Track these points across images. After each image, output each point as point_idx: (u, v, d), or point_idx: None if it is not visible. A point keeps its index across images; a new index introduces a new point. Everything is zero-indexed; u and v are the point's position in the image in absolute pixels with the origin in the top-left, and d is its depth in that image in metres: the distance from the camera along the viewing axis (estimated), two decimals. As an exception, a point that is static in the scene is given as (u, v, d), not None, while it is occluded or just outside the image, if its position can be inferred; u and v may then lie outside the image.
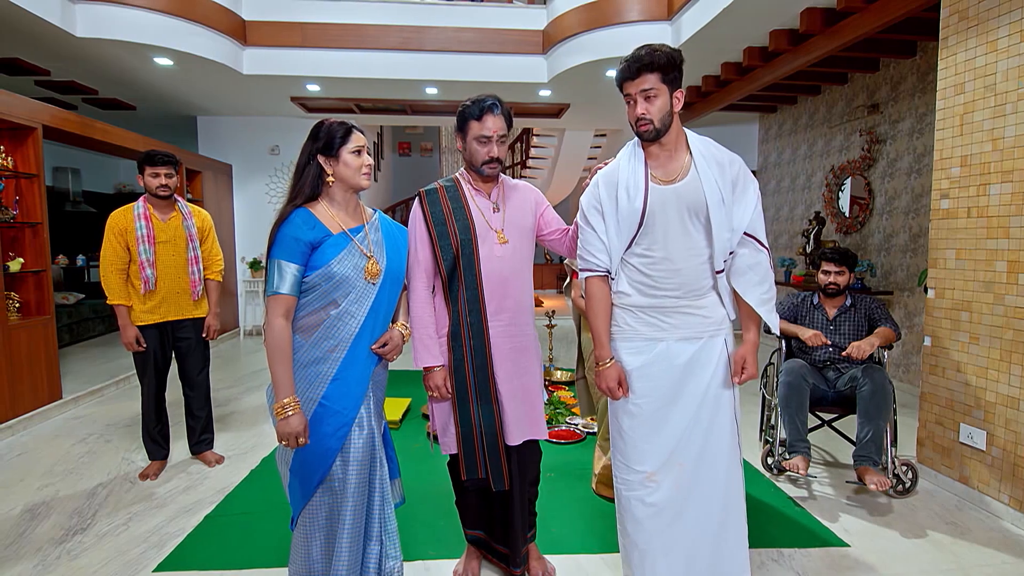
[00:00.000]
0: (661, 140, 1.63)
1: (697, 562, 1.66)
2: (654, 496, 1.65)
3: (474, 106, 1.71)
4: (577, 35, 4.89)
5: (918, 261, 4.22)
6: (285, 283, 1.48)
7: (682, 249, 1.62)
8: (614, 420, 1.75)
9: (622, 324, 1.71)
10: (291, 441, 1.46)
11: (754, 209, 1.64)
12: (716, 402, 1.65)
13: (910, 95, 4.31)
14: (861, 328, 2.82)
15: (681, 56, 1.60)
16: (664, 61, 1.56)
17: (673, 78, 1.59)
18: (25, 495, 2.66)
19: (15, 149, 3.75)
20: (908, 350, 4.32)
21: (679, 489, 1.64)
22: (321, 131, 1.57)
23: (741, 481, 1.69)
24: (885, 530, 2.34)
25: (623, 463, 1.71)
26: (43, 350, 3.81)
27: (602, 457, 2.72)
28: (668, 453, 1.65)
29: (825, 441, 3.26)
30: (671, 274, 1.63)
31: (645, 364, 1.66)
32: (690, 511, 1.65)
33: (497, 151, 1.74)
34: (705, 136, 1.71)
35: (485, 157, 1.74)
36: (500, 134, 1.73)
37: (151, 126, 7.32)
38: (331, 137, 1.55)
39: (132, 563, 2.10)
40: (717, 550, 1.66)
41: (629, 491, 1.70)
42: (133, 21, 4.29)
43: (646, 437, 1.66)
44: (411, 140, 12.75)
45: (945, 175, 2.72)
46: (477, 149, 1.74)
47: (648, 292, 1.66)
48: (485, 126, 1.71)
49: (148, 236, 2.69)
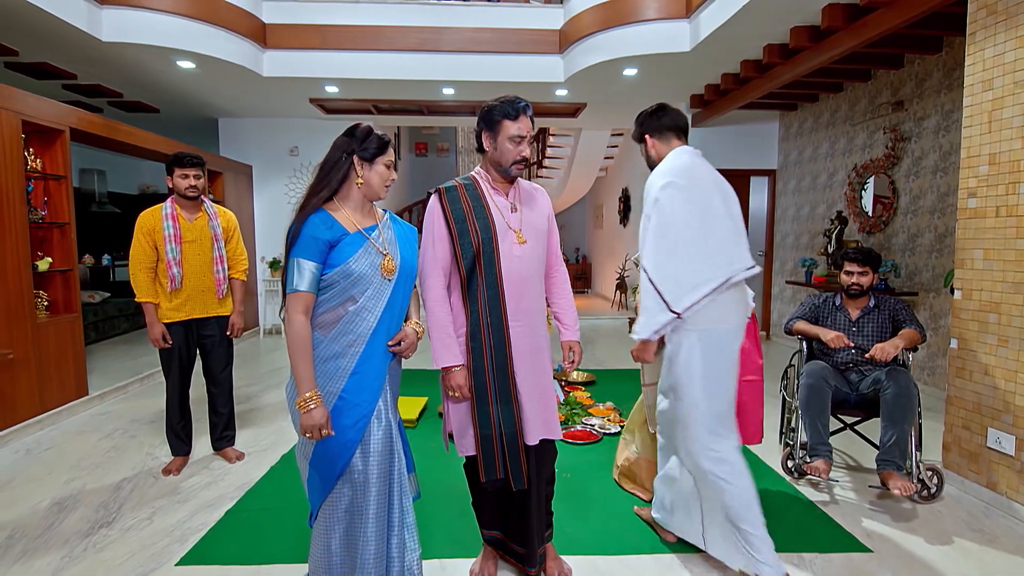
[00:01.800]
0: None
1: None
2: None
3: (508, 106, 1.74)
4: (594, 34, 4.87)
5: (944, 261, 4.13)
6: (304, 281, 1.52)
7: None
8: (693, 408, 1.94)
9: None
10: (315, 433, 1.50)
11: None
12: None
13: (936, 92, 4.22)
14: (885, 330, 2.76)
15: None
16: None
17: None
18: (53, 488, 2.73)
19: (44, 151, 3.85)
20: (933, 352, 4.23)
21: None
22: (365, 135, 1.61)
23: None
24: (909, 536, 2.30)
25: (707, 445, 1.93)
26: (70, 347, 3.90)
27: (624, 450, 2.72)
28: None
29: (847, 445, 3.20)
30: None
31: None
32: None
33: (527, 151, 1.78)
34: (720, 135, 1.71)
35: (516, 156, 1.76)
36: (531, 135, 1.78)
37: (174, 128, 7.46)
38: (373, 144, 1.61)
39: (156, 556, 2.14)
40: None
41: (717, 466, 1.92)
42: (156, 25, 4.37)
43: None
44: (427, 140, 12.81)
45: (972, 173, 2.66)
46: (509, 148, 1.76)
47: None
48: (519, 126, 1.74)
49: (175, 236, 2.75)
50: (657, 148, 2.07)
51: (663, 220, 1.86)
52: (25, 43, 4.37)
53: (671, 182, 1.89)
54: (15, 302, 3.43)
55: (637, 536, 2.28)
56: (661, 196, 1.87)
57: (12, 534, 2.31)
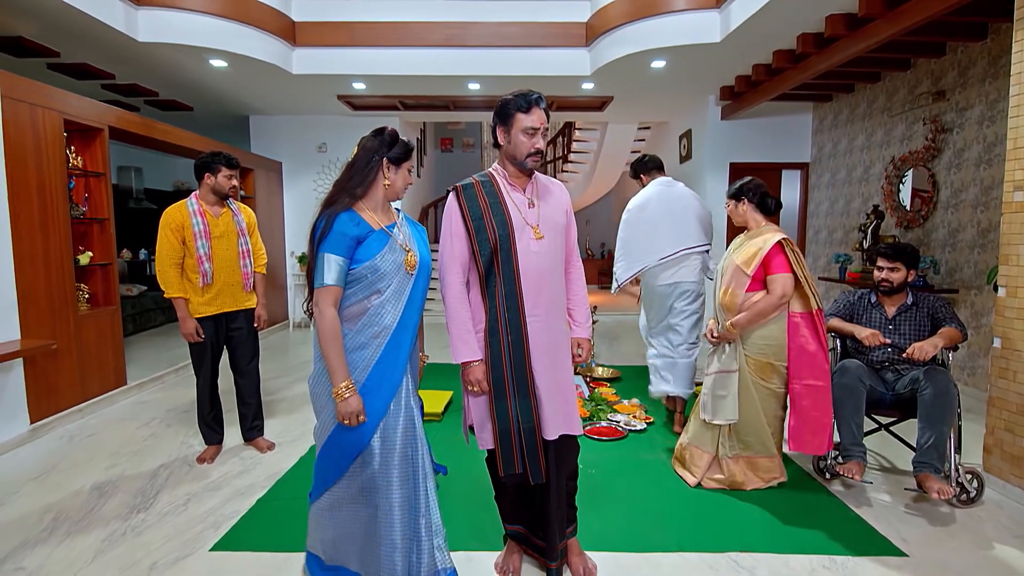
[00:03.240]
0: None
1: None
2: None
3: (520, 99, 1.75)
4: (621, 26, 4.81)
5: (987, 257, 3.97)
6: (333, 275, 1.59)
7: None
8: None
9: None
10: (352, 420, 1.58)
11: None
12: None
13: (980, 81, 4.05)
14: (923, 328, 2.67)
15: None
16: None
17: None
18: (94, 474, 2.84)
19: (84, 149, 3.98)
20: (974, 352, 4.08)
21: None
22: (392, 140, 1.69)
23: None
24: (947, 541, 2.22)
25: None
26: (110, 338, 4.04)
27: (683, 436, 2.86)
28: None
29: (882, 446, 3.11)
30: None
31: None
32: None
33: (542, 143, 1.78)
34: (750, 128, 1.71)
35: (531, 149, 1.77)
36: (545, 127, 1.78)
37: (207, 126, 7.63)
38: (400, 149, 1.70)
39: (191, 542, 2.21)
40: None
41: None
42: (191, 25, 4.48)
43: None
44: (453, 136, 12.86)
45: (1019, 166, 2.54)
46: (523, 141, 1.76)
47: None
48: (532, 118, 1.75)
49: (205, 231, 2.81)
50: (644, 181, 3.46)
51: (620, 233, 3.37)
52: (66, 45, 4.53)
53: (628, 209, 3.37)
54: (58, 295, 3.57)
55: (663, 533, 2.26)
56: (623, 217, 3.39)
57: (57, 516, 2.41)
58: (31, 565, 2.06)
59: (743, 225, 2.73)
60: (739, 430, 2.61)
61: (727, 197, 2.75)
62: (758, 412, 2.56)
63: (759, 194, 2.65)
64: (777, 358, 2.54)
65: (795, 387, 2.52)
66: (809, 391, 2.49)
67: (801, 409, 2.51)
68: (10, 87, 3.25)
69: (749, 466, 2.63)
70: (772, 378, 2.56)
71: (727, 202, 2.74)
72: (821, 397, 2.48)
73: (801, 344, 2.50)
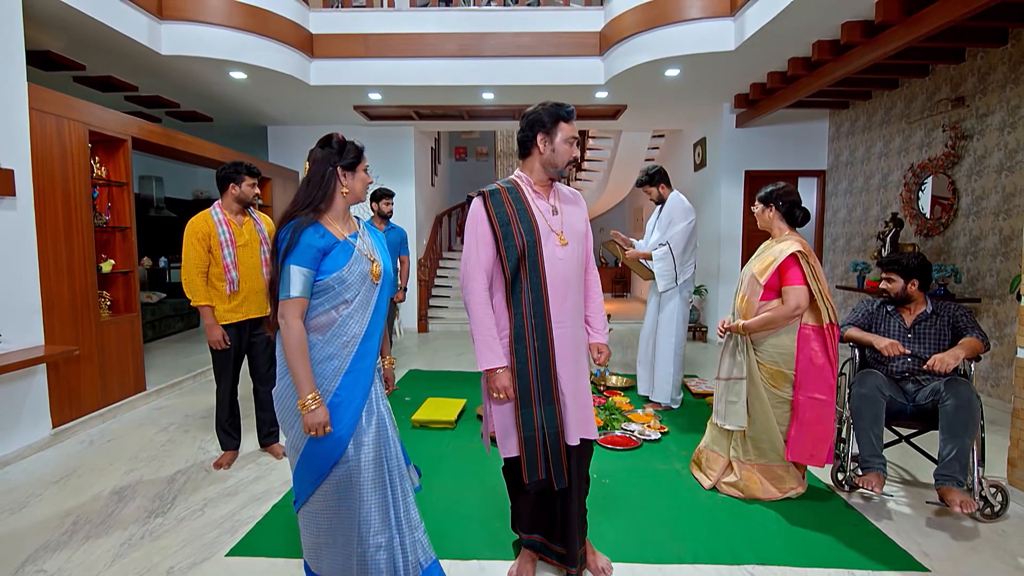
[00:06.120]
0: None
1: None
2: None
3: (561, 109, 1.81)
4: (635, 35, 4.82)
5: (1010, 266, 3.89)
6: (298, 287, 1.59)
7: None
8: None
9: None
10: (318, 431, 1.59)
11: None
12: None
13: (1000, 87, 3.99)
14: (944, 337, 2.63)
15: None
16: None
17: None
18: (114, 478, 2.88)
19: (108, 159, 4.08)
20: (998, 362, 3.99)
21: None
22: (343, 147, 1.71)
23: None
24: (971, 555, 2.17)
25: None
26: (130, 345, 4.11)
27: (704, 439, 2.87)
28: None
29: (902, 458, 3.05)
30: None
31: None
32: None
33: (577, 152, 1.86)
34: (765, 135, 1.72)
35: (570, 157, 1.84)
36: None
37: (226, 136, 7.78)
38: (351, 154, 1.71)
39: (207, 546, 2.23)
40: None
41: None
42: (212, 38, 4.58)
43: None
44: (467, 145, 12.94)
45: (1043, 172, 2.50)
46: (566, 150, 1.82)
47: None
48: (573, 128, 1.83)
49: (230, 240, 2.86)
50: (663, 190, 3.89)
51: (689, 237, 3.78)
52: (92, 58, 4.65)
53: (690, 211, 3.82)
54: (81, 301, 3.64)
55: (678, 545, 2.23)
56: (691, 220, 3.78)
57: (77, 519, 2.45)
58: (51, 568, 2.10)
59: (767, 230, 2.71)
60: (754, 437, 2.59)
61: (756, 199, 2.72)
62: (770, 419, 2.54)
63: (788, 203, 2.63)
64: (788, 366, 2.52)
65: (800, 399, 2.50)
66: (813, 404, 2.47)
67: (803, 421, 2.49)
68: (38, 99, 3.34)
69: (765, 475, 2.60)
70: (784, 386, 2.53)
71: (756, 204, 2.72)
72: (825, 411, 2.46)
73: (810, 356, 2.48)
